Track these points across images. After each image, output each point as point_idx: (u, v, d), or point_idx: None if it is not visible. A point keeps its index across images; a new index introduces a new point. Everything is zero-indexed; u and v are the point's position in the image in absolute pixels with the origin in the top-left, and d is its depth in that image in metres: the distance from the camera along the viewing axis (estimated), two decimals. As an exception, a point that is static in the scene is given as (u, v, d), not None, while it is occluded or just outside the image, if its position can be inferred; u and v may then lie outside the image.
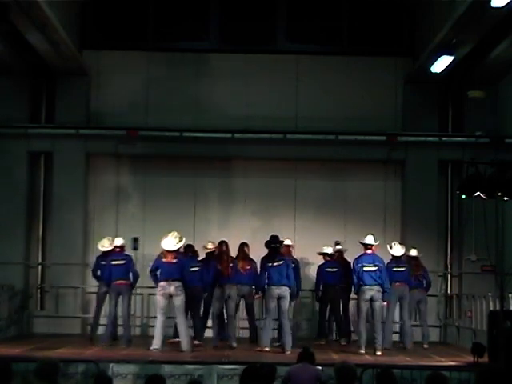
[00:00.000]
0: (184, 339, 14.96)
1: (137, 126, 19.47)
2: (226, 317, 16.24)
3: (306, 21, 20.08)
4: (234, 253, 16.40)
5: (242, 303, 16.92)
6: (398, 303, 16.58)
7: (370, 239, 15.50)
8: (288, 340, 14.94)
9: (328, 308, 17.47)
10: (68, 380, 12.16)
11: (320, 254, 17.52)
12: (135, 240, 19.31)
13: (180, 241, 15.30)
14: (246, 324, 17.42)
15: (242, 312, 17.42)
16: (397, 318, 17.28)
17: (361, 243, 15.59)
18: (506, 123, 19.25)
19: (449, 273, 19.61)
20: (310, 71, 19.90)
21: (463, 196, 13.79)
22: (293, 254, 17.14)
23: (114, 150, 19.58)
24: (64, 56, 18.24)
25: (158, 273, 15.18)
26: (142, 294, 18.70)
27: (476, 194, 13.20)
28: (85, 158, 19.71)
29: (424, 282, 17.17)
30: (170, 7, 19.97)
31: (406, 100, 19.90)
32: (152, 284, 16.65)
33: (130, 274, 16.19)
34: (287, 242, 16.97)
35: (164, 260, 15.18)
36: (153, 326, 18.65)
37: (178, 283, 15.01)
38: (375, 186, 19.95)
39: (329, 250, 17.42)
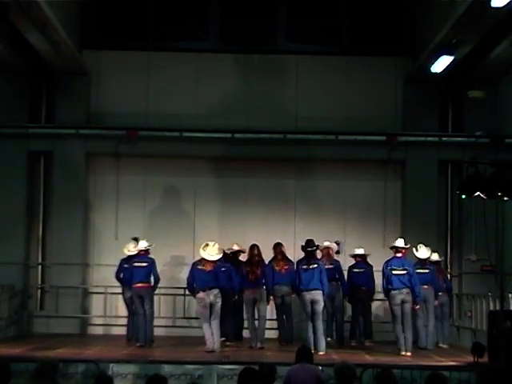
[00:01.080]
0: (216, 339, 15.01)
1: (137, 126, 19.47)
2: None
3: (306, 21, 20.07)
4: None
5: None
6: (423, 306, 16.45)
7: (400, 242, 15.40)
8: (321, 342, 14.97)
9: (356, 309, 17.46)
10: (68, 380, 12.17)
11: (351, 255, 17.51)
12: (135, 240, 19.32)
13: (219, 253, 15.30)
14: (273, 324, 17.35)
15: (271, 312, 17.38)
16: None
17: (391, 247, 15.50)
18: (506, 123, 19.25)
19: (449, 273, 19.59)
20: (310, 71, 19.90)
21: (463, 196, 13.78)
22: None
23: (114, 150, 19.58)
24: (64, 56, 18.24)
25: (194, 283, 15.17)
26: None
27: (476, 194, 13.19)
28: (85, 158, 19.71)
29: (444, 286, 17.14)
30: (170, 7, 19.97)
31: (406, 100, 19.89)
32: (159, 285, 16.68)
33: (152, 278, 16.14)
34: (326, 243, 17.05)
35: (200, 267, 15.16)
36: (154, 326, 18.75)
37: (215, 290, 15.00)
38: (375, 186, 19.94)
39: (360, 251, 17.39)
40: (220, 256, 15.29)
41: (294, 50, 20.06)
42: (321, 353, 14.76)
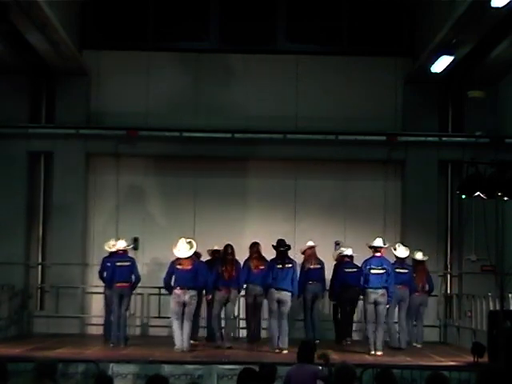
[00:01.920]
0: (185, 339, 15.02)
1: (137, 126, 19.47)
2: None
3: (306, 21, 20.07)
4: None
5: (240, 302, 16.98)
6: (397, 305, 16.55)
7: (379, 242, 15.50)
8: (285, 340, 15.07)
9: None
10: (68, 380, 12.17)
11: (341, 255, 17.54)
12: (135, 240, 19.35)
13: (191, 247, 15.28)
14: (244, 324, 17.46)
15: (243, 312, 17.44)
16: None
17: (369, 246, 15.58)
18: (506, 123, 19.25)
19: (449, 273, 19.61)
20: (310, 71, 19.90)
21: (463, 196, 13.79)
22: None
23: (114, 150, 19.58)
24: (64, 56, 18.24)
25: (173, 279, 15.17)
26: (142, 294, 18.73)
27: (476, 194, 13.19)
28: (85, 158, 19.71)
29: (427, 286, 17.16)
30: (170, 7, 19.97)
31: (406, 100, 19.89)
32: (151, 284, 16.72)
33: (132, 276, 16.17)
34: (310, 243, 17.11)
35: (179, 267, 15.16)
36: (153, 326, 18.76)
37: (193, 292, 15.06)
38: (375, 186, 19.94)
39: (349, 251, 17.41)
40: (192, 252, 15.31)
41: (294, 50, 20.06)
42: (285, 351, 14.87)
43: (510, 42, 16.55)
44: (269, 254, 16.22)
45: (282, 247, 15.54)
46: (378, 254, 15.42)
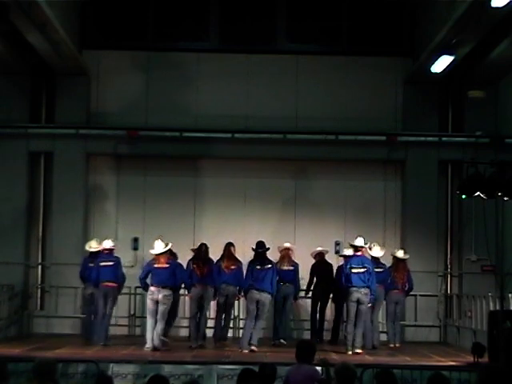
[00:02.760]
0: (156, 339, 15.15)
1: (137, 126, 19.47)
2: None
3: (306, 21, 20.07)
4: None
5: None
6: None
7: (360, 241, 15.66)
8: (255, 338, 15.32)
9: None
10: (68, 380, 12.16)
11: (341, 256, 17.61)
12: (135, 240, 19.34)
13: (166, 246, 15.52)
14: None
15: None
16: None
17: (350, 245, 15.72)
18: (506, 123, 19.25)
19: (449, 273, 19.61)
20: (310, 71, 19.89)
21: (463, 196, 13.78)
22: (292, 257, 17.15)
23: (113, 150, 19.59)
24: (64, 56, 18.23)
25: (149, 278, 15.38)
26: (141, 295, 18.69)
27: (476, 194, 13.19)
28: (85, 158, 19.71)
29: (406, 285, 17.15)
30: (170, 7, 19.97)
31: (406, 100, 19.89)
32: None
33: (118, 277, 16.24)
34: (287, 244, 17.08)
35: (156, 265, 15.40)
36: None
37: (167, 291, 15.20)
38: (375, 186, 19.94)
39: (349, 252, 17.43)
40: (167, 249, 15.49)
41: (294, 50, 20.06)
42: (253, 347, 15.18)
43: (510, 42, 16.55)
44: (269, 254, 16.23)
45: (260, 249, 15.69)
46: (359, 253, 15.58)
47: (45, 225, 19.69)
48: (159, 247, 15.49)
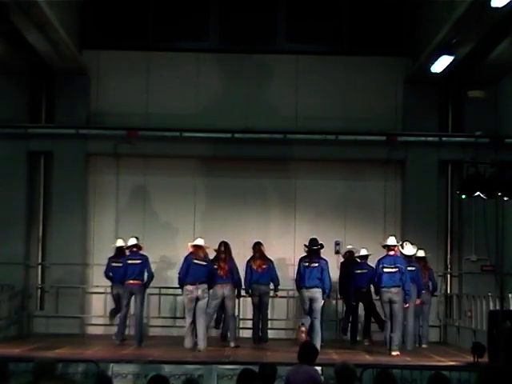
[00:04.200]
0: (201, 340, 15.14)
1: (137, 126, 19.47)
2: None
3: (306, 21, 20.06)
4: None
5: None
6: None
7: (392, 240, 15.53)
8: (317, 339, 15.09)
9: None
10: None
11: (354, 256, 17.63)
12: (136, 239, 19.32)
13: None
14: (247, 324, 17.48)
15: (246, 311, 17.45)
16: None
17: (383, 245, 15.58)
18: (506, 123, 19.25)
19: (449, 273, 19.62)
20: (310, 71, 19.89)
21: (463, 196, 13.78)
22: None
23: (113, 150, 19.58)
24: (64, 56, 18.23)
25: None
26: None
27: (476, 194, 13.19)
28: (85, 158, 19.71)
29: (430, 284, 17.15)
30: (170, 7, 19.96)
31: (406, 100, 19.89)
32: (151, 284, 16.69)
33: (145, 275, 16.19)
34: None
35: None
36: (153, 326, 18.72)
37: (204, 286, 15.23)
38: (375, 186, 19.95)
39: (363, 251, 17.43)
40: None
41: (294, 50, 20.06)
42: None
43: (510, 42, 16.54)
44: (269, 253, 16.24)
45: (314, 246, 15.59)
46: (392, 253, 15.43)
47: (45, 225, 19.69)
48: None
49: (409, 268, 16.08)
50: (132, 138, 19.33)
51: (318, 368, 9.87)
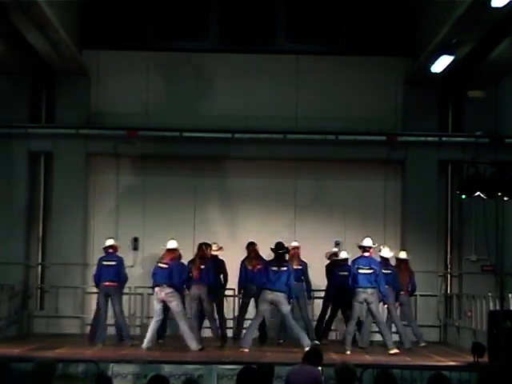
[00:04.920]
0: (190, 340, 15.29)
1: (137, 126, 19.47)
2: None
3: (306, 21, 20.06)
4: (229, 252, 16.57)
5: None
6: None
7: (368, 242, 15.61)
8: (303, 338, 15.22)
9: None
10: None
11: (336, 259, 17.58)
12: (135, 240, 19.34)
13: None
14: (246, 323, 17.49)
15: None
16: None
17: (358, 246, 15.65)
18: (506, 123, 19.25)
19: (449, 273, 19.61)
20: (310, 71, 19.89)
21: (463, 196, 13.78)
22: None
23: (113, 150, 19.58)
24: (64, 56, 18.24)
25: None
26: (141, 294, 18.73)
27: (476, 194, 13.19)
28: (85, 158, 19.71)
29: (409, 285, 17.14)
30: (170, 7, 19.97)
31: (406, 100, 19.89)
32: (151, 284, 16.68)
33: (121, 276, 16.29)
34: (294, 243, 17.07)
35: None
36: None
37: (168, 289, 15.38)
38: (375, 186, 19.94)
39: (343, 254, 17.43)
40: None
41: (294, 50, 20.06)
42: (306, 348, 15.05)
43: (510, 42, 16.55)
44: (268, 253, 16.22)
45: (280, 250, 15.63)
46: (367, 254, 15.55)
47: (45, 225, 19.69)
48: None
49: (385, 271, 16.13)
50: (132, 137, 19.32)
51: (318, 368, 9.85)
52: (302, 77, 19.90)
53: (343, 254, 17.30)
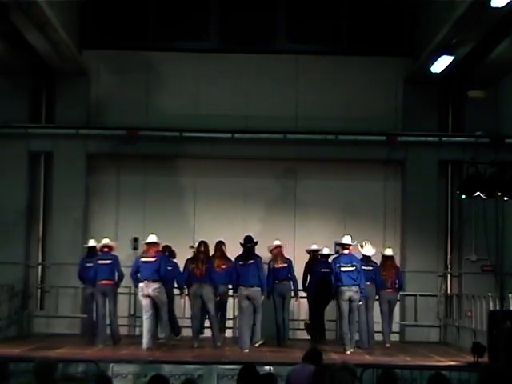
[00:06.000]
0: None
1: (137, 126, 19.48)
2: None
3: (306, 21, 20.07)
4: (229, 252, 16.61)
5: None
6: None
7: (347, 239, 15.68)
8: (258, 334, 15.60)
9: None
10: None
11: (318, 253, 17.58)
12: (135, 240, 19.33)
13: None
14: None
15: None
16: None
17: (337, 244, 15.71)
18: (506, 123, 19.25)
19: (449, 273, 19.61)
20: (310, 71, 19.90)
21: (463, 196, 13.79)
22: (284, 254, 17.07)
23: (113, 150, 19.58)
24: (64, 56, 18.24)
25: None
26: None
27: (476, 194, 13.20)
28: (85, 158, 19.71)
29: (396, 282, 17.12)
30: (170, 7, 19.97)
31: (406, 100, 19.89)
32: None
33: (116, 275, 16.25)
34: (277, 242, 16.96)
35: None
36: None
37: (155, 284, 15.39)
38: (375, 186, 19.95)
39: (326, 250, 17.45)
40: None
41: (294, 50, 20.06)
42: (257, 344, 15.50)
43: (510, 42, 16.55)
44: (267, 253, 16.22)
45: (248, 243, 15.74)
46: (346, 252, 15.58)
47: (45, 225, 19.69)
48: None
49: (367, 268, 16.16)
50: (132, 137, 19.32)
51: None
52: (302, 77, 19.90)
53: (325, 251, 17.34)
